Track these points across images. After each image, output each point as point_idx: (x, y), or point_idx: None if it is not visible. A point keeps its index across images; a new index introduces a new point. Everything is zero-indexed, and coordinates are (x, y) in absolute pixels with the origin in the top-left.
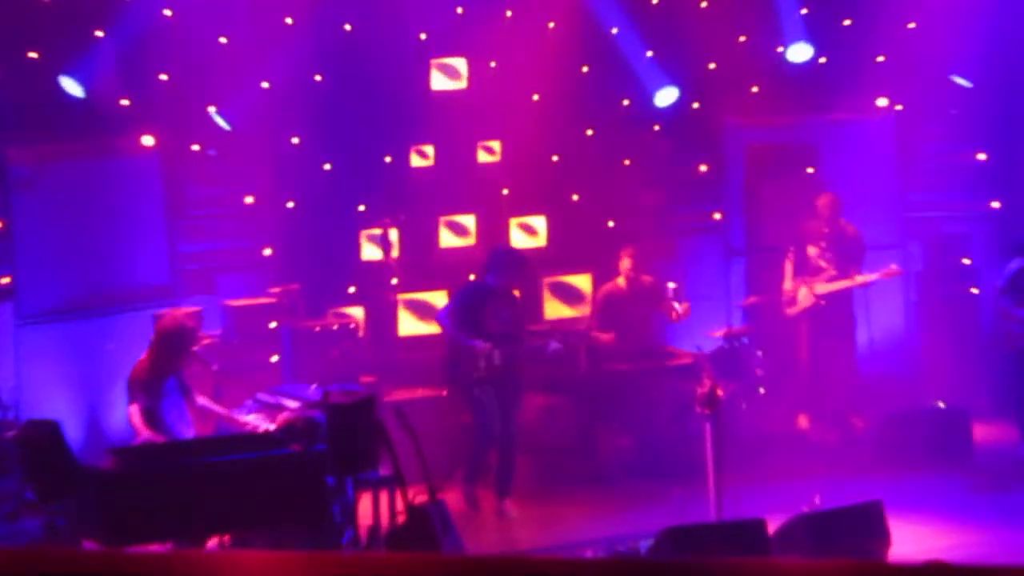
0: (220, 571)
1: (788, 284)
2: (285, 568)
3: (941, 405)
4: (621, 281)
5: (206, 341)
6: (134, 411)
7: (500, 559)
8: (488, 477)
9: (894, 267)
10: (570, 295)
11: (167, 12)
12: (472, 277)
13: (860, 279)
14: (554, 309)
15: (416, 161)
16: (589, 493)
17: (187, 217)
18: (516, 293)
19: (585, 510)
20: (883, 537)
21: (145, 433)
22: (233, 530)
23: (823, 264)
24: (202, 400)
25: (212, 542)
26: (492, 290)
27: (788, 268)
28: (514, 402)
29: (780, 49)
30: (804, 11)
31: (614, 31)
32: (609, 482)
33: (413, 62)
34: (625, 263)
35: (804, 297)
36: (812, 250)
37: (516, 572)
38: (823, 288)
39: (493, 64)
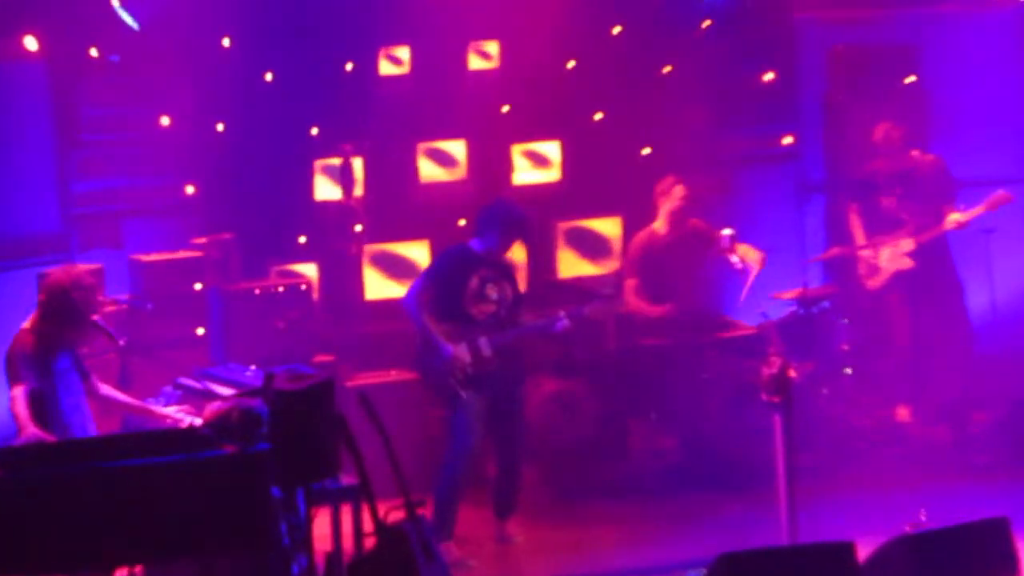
0: None
1: (862, 242)
2: None
3: None
4: (660, 226)
5: (110, 308)
6: (18, 395)
7: None
8: (475, 491)
9: (1001, 193)
10: (593, 246)
11: None
12: (462, 224)
13: (954, 219)
14: (571, 264)
15: (386, 68)
16: (619, 509)
17: (83, 145)
18: (509, 260)
19: (613, 532)
20: (1011, 564)
21: (31, 429)
22: (147, 559)
23: (905, 217)
24: (105, 388)
25: (120, 575)
26: (478, 259)
27: (856, 225)
28: (514, 399)
29: None
30: None
31: None
32: (646, 494)
33: None
34: (674, 195)
35: (888, 260)
36: (886, 201)
37: None
38: (909, 245)
39: None
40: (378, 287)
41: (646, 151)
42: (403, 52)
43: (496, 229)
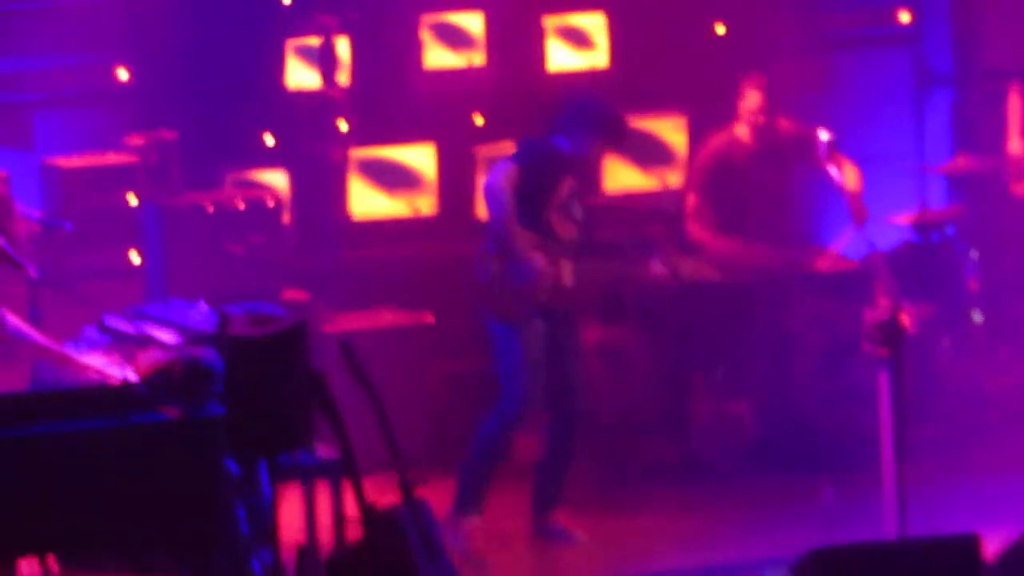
0: None
1: (1017, 144)
2: None
3: None
4: (742, 131)
5: (17, 228)
6: None
7: None
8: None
9: None
10: (649, 152)
11: None
12: (480, 122)
13: None
14: (619, 175)
15: None
16: (679, 494)
17: None
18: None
19: (670, 523)
20: None
21: None
22: (66, 548)
23: None
24: (13, 320)
25: (29, 570)
26: (568, 163)
27: (1015, 112)
28: (573, 348)
29: None
30: None
31: None
32: (712, 475)
33: None
34: (751, 100)
35: None
36: None
37: None
38: None
39: None
40: (367, 203)
41: (719, 28)
42: None
43: (589, 131)
